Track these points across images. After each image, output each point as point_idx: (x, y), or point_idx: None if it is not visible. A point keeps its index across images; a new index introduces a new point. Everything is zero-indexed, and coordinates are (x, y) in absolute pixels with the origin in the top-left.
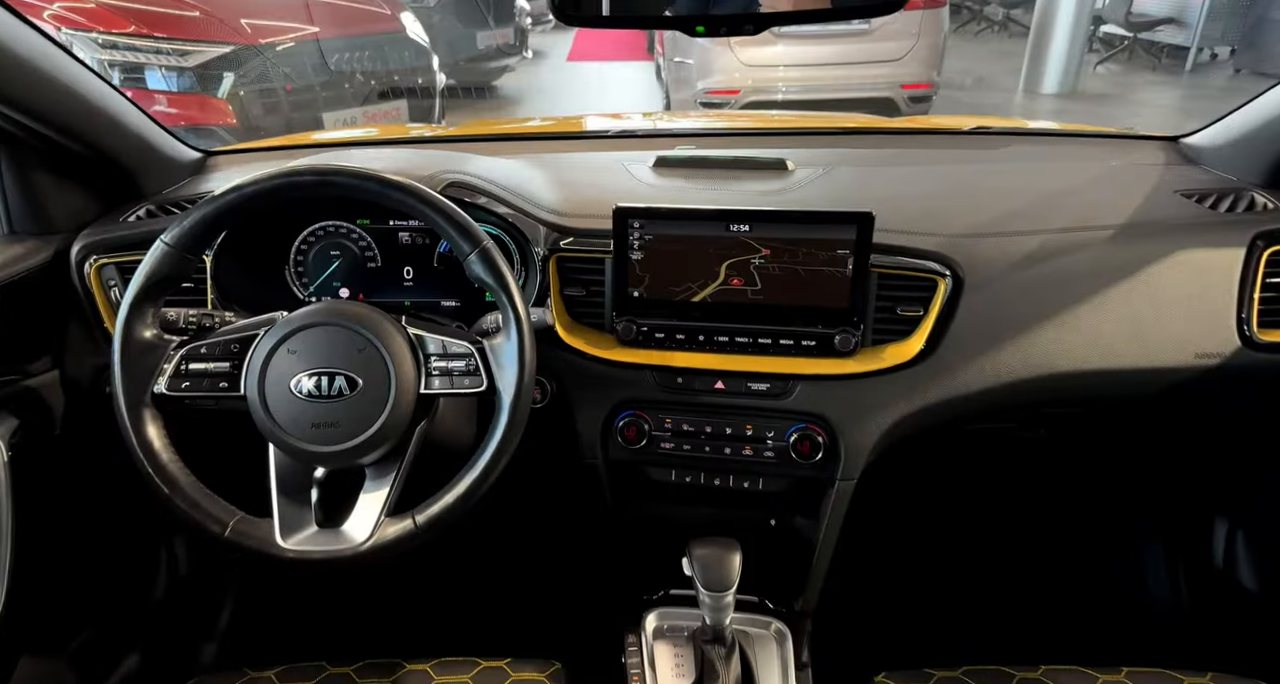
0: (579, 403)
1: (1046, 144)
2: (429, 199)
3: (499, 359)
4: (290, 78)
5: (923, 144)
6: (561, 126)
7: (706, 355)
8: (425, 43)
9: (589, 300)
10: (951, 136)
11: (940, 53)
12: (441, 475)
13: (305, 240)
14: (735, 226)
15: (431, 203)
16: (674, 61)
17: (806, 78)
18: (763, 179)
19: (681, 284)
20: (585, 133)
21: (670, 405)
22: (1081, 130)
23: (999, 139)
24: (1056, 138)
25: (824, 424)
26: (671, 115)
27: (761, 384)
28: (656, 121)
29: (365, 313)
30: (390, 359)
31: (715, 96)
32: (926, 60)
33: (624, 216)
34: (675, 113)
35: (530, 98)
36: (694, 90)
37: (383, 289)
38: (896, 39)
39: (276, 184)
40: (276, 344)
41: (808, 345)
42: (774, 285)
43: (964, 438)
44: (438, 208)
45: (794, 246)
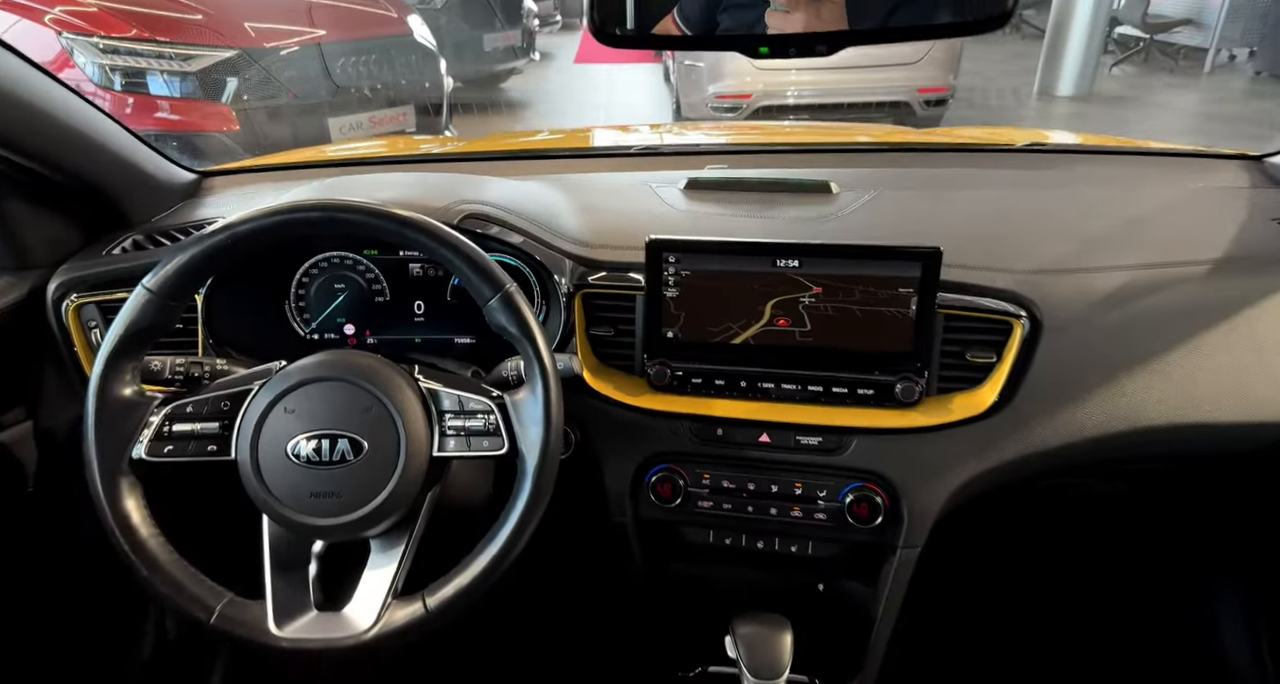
0: (606, 455)
1: (1112, 164)
2: (447, 239)
3: (521, 417)
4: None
5: (972, 162)
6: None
7: (749, 404)
8: (433, 46)
9: (617, 341)
10: (1004, 154)
11: (957, 56)
12: (454, 541)
13: (307, 273)
14: (783, 262)
15: (450, 243)
16: (684, 65)
17: (820, 82)
18: (805, 204)
19: (721, 324)
20: (606, 150)
21: (708, 459)
22: (1150, 147)
23: (1057, 158)
24: (1123, 156)
25: (884, 484)
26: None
27: (812, 437)
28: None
29: (372, 365)
30: (400, 419)
31: (727, 101)
32: (943, 63)
33: (658, 250)
34: (699, 125)
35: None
36: (705, 94)
37: (391, 325)
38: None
39: (274, 222)
40: (272, 402)
41: (865, 394)
42: (826, 327)
43: (1033, 493)
44: (458, 249)
45: (850, 284)
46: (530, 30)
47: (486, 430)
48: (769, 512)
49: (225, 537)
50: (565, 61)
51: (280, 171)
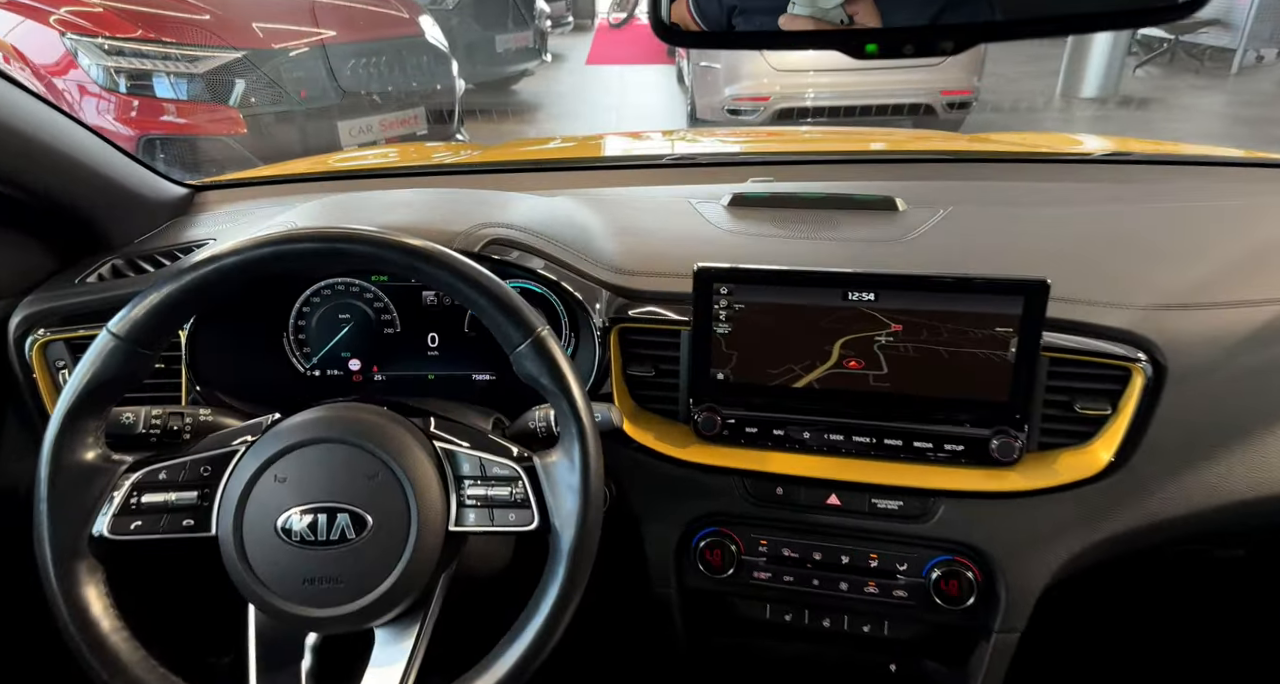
0: (647, 515)
1: (1216, 177)
2: (470, 275)
3: (554, 484)
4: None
5: (1044, 175)
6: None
7: (814, 459)
8: (444, 47)
9: (659, 382)
10: (1081, 165)
11: (981, 57)
12: (469, 620)
13: (308, 302)
14: (856, 295)
15: (473, 280)
16: (699, 66)
17: (840, 84)
18: (869, 223)
19: (781, 365)
20: (637, 160)
21: (766, 523)
22: (1249, 158)
23: (1146, 170)
24: (1220, 167)
25: (977, 557)
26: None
27: (891, 501)
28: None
29: (377, 423)
30: (411, 487)
31: (744, 103)
32: (967, 65)
33: (708, 280)
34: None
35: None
36: (720, 97)
37: (401, 360)
38: None
39: (265, 255)
40: (260, 468)
41: (953, 451)
42: (906, 370)
43: (1139, 559)
44: (483, 287)
45: (936, 321)
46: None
47: (513, 501)
48: (838, 586)
49: (203, 628)
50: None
51: (280, 186)
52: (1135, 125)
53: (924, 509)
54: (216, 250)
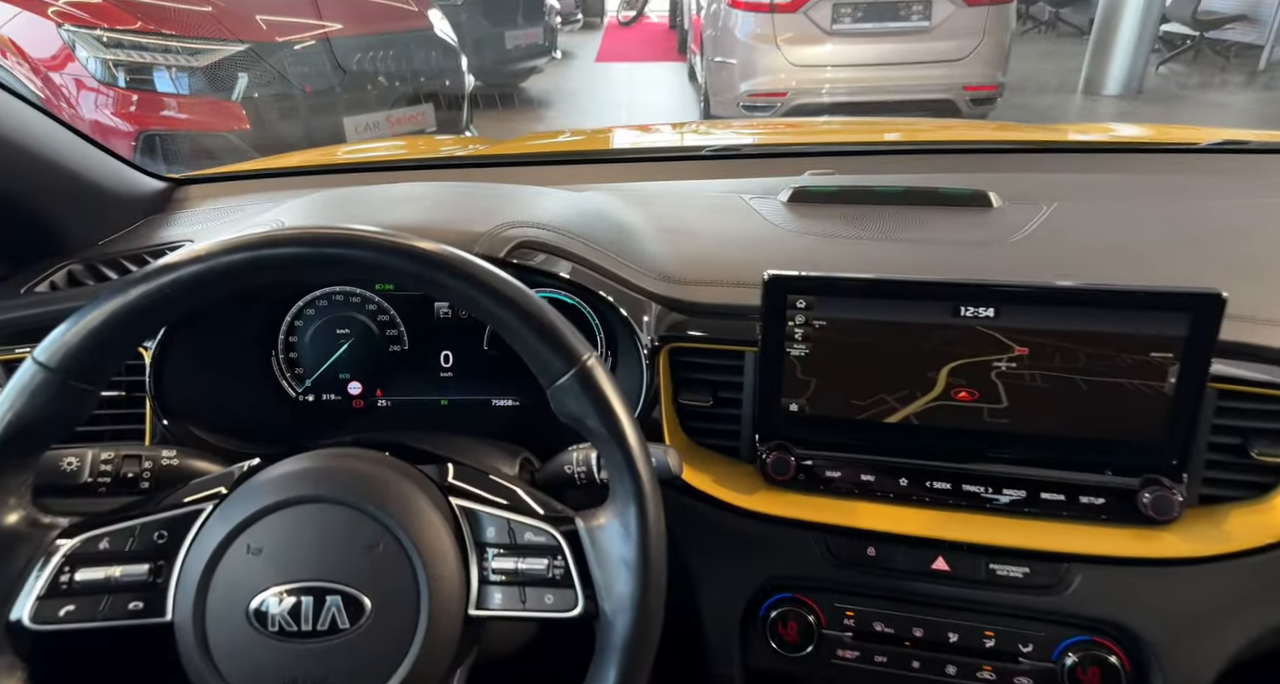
0: (704, 578)
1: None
2: (503, 290)
3: (604, 556)
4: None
5: (1150, 166)
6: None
7: (915, 513)
8: (453, 42)
9: (717, 413)
10: (1187, 155)
11: (1006, 52)
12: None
13: (301, 314)
14: (971, 309)
15: (507, 297)
16: (714, 61)
17: (859, 79)
18: (959, 222)
19: (871, 395)
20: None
21: (853, 590)
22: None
23: (1263, 159)
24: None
25: (1124, 639)
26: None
27: (1013, 567)
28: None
29: (378, 476)
30: (421, 561)
31: (760, 99)
32: (992, 60)
33: (781, 291)
34: (765, 123)
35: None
36: (736, 93)
37: (409, 382)
38: (959, 37)
39: (236, 263)
40: (230, 536)
41: (1092, 504)
42: (1032, 404)
43: None
44: (518, 306)
45: (1073, 344)
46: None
47: (550, 578)
48: (943, 670)
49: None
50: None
51: (274, 179)
52: (1164, 122)
53: (1056, 578)
54: (175, 257)
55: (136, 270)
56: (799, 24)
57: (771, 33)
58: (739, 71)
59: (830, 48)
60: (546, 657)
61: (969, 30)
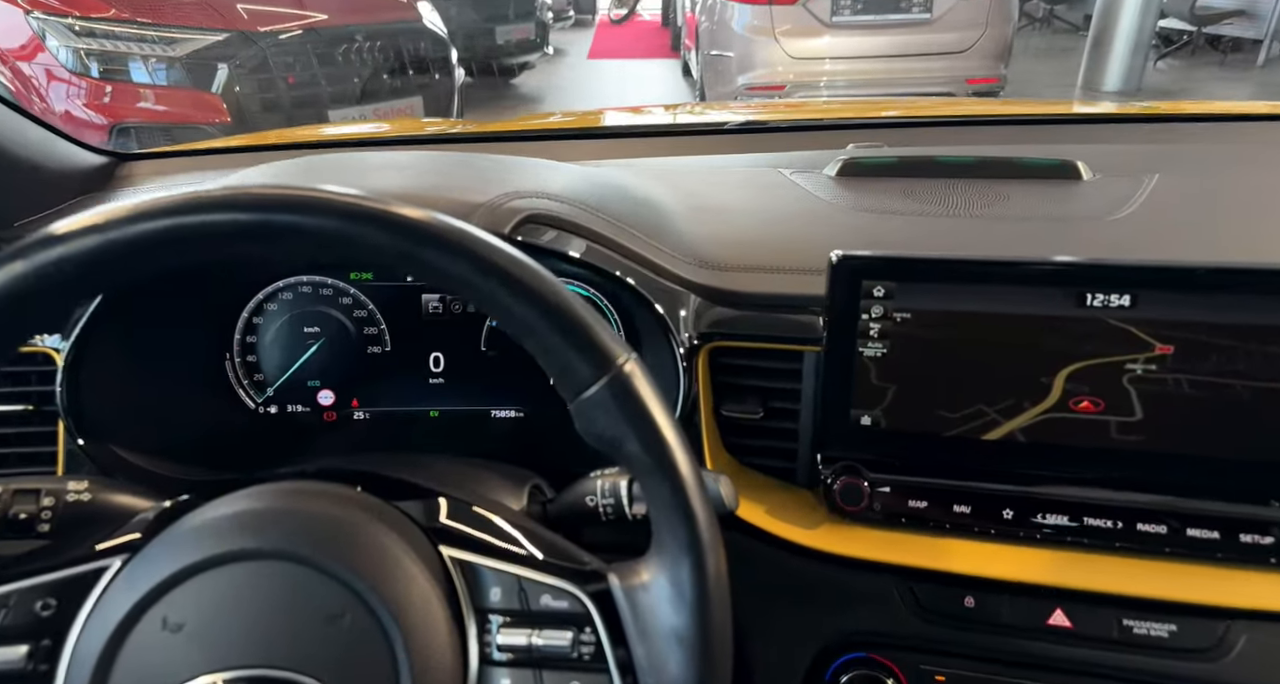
0: (757, 632)
1: None
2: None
3: (646, 626)
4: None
5: (1252, 136)
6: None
7: (1025, 552)
8: (443, 33)
9: (770, 427)
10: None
11: (1008, 45)
12: None
13: (261, 309)
14: (1101, 297)
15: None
16: (710, 55)
17: (859, 71)
18: (1045, 196)
19: (965, 406)
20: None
21: (945, 650)
22: None
23: None
24: None
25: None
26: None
27: (1156, 623)
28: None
29: (342, 520)
30: (401, 637)
31: (757, 93)
32: (994, 53)
33: (854, 275)
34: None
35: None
36: (732, 86)
37: (391, 390)
38: (961, 29)
39: (147, 233)
40: (142, 604)
41: (1257, 544)
42: (1175, 416)
43: None
44: (535, 295)
45: (1232, 340)
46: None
47: (576, 657)
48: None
49: None
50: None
51: (237, 154)
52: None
53: (1213, 639)
54: (66, 226)
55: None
56: (797, 16)
57: (769, 25)
58: (736, 65)
59: (829, 40)
60: None
61: (971, 22)
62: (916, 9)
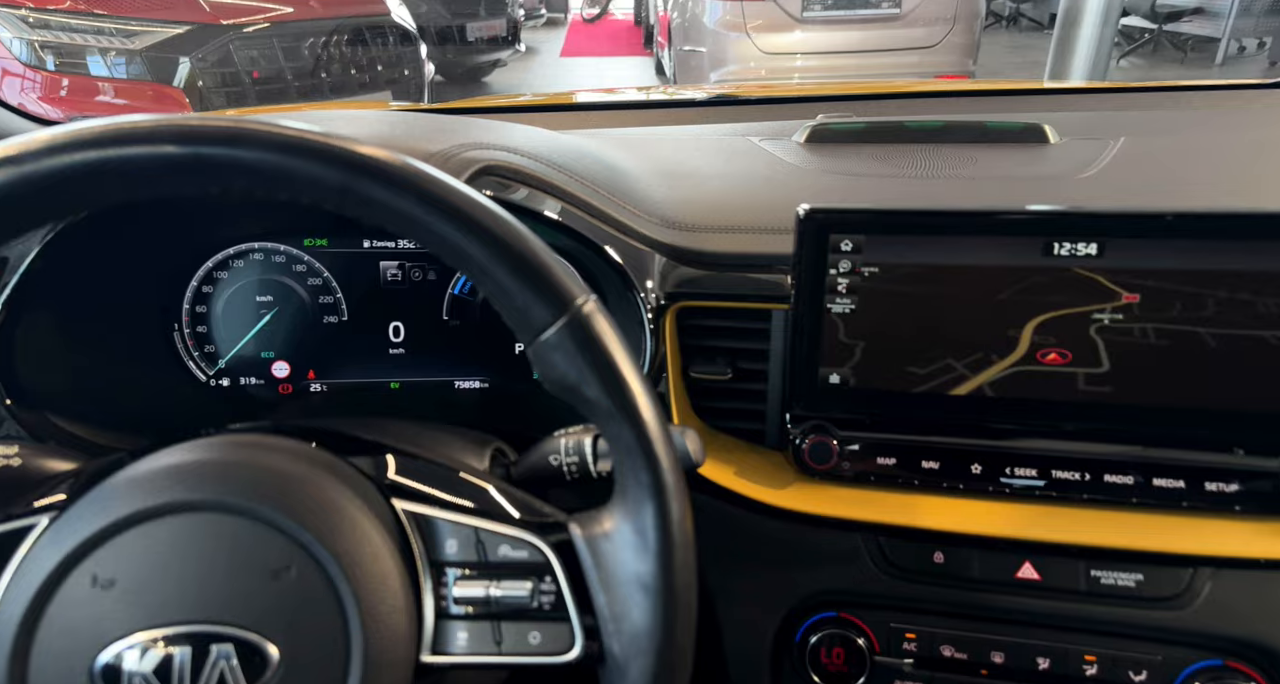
0: (726, 594)
1: None
2: (463, 207)
3: (609, 574)
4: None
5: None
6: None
7: (993, 507)
8: (412, 28)
9: (738, 388)
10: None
11: (976, 40)
12: None
13: (211, 276)
14: (1068, 246)
15: (470, 217)
16: (683, 50)
17: (830, 67)
18: (1013, 158)
19: (934, 361)
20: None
21: (915, 607)
22: None
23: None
24: None
25: (1268, 663)
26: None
27: (1123, 573)
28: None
29: (289, 472)
30: (351, 590)
31: None
32: (963, 48)
33: (822, 228)
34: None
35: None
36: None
37: (350, 362)
38: (930, 24)
39: (66, 165)
40: (66, 564)
41: (1222, 492)
42: (1141, 366)
43: None
44: (487, 232)
45: (1199, 287)
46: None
47: (536, 607)
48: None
49: None
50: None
51: None
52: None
53: (1177, 586)
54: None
55: None
56: (769, 10)
57: (741, 20)
58: (708, 60)
59: (800, 35)
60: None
61: (939, 17)
62: (886, 4)
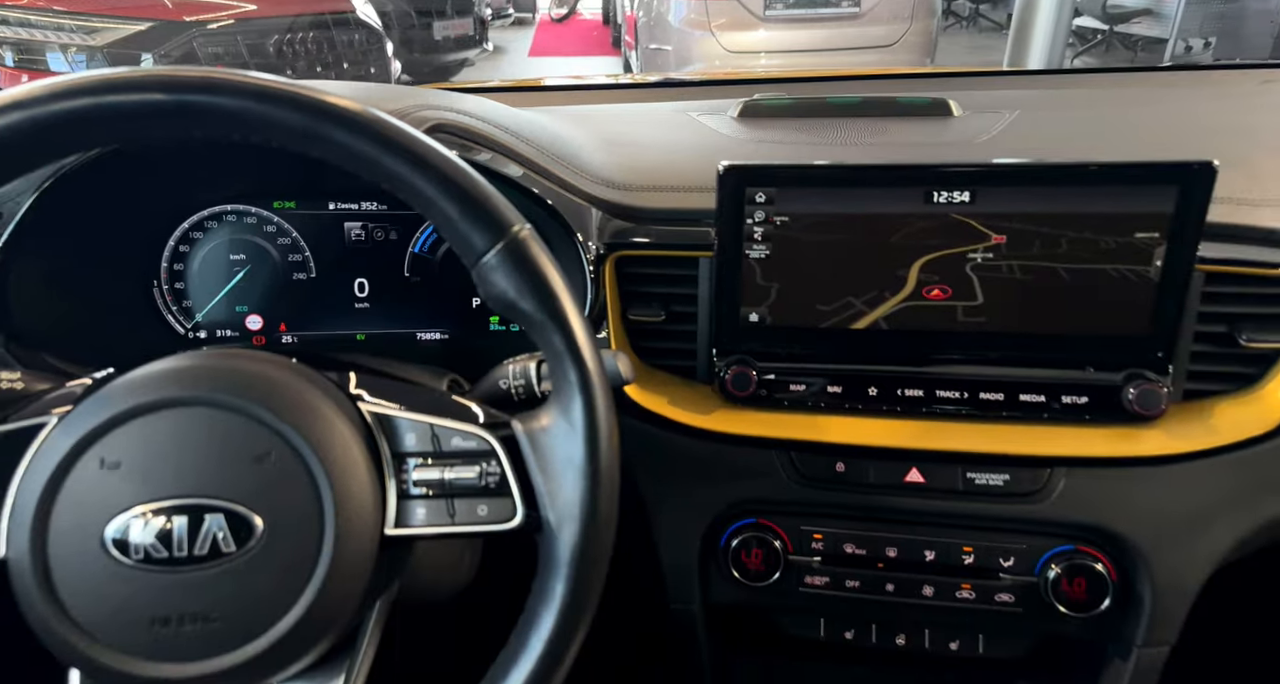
0: (660, 506)
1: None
2: (412, 147)
3: (546, 458)
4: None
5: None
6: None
7: (886, 423)
8: (377, 25)
9: (671, 329)
10: (1143, 72)
11: (934, 39)
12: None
13: (187, 237)
14: (944, 195)
15: (418, 155)
16: (649, 49)
17: (792, 65)
18: (921, 129)
19: (837, 299)
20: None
21: (822, 511)
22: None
23: (1229, 74)
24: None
25: (1111, 546)
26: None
27: (993, 474)
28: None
29: (268, 376)
30: (324, 472)
31: None
32: (920, 47)
33: (739, 183)
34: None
35: None
36: None
37: (318, 315)
38: (888, 23)
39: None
40: (79, 447)
41: (1074, 403)
42: (1009, 298)
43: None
44: (433, 167)
45: (1054, 228)
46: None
47: (484, 486)
48: (919, 592)
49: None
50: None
51: None
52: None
53: (1037, 483)
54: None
55: None
56: (732, 9)
57: (705, 18)
58: (674, 59)
59: (764, 33)
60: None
61: (896, 15)
62: (845, 2)
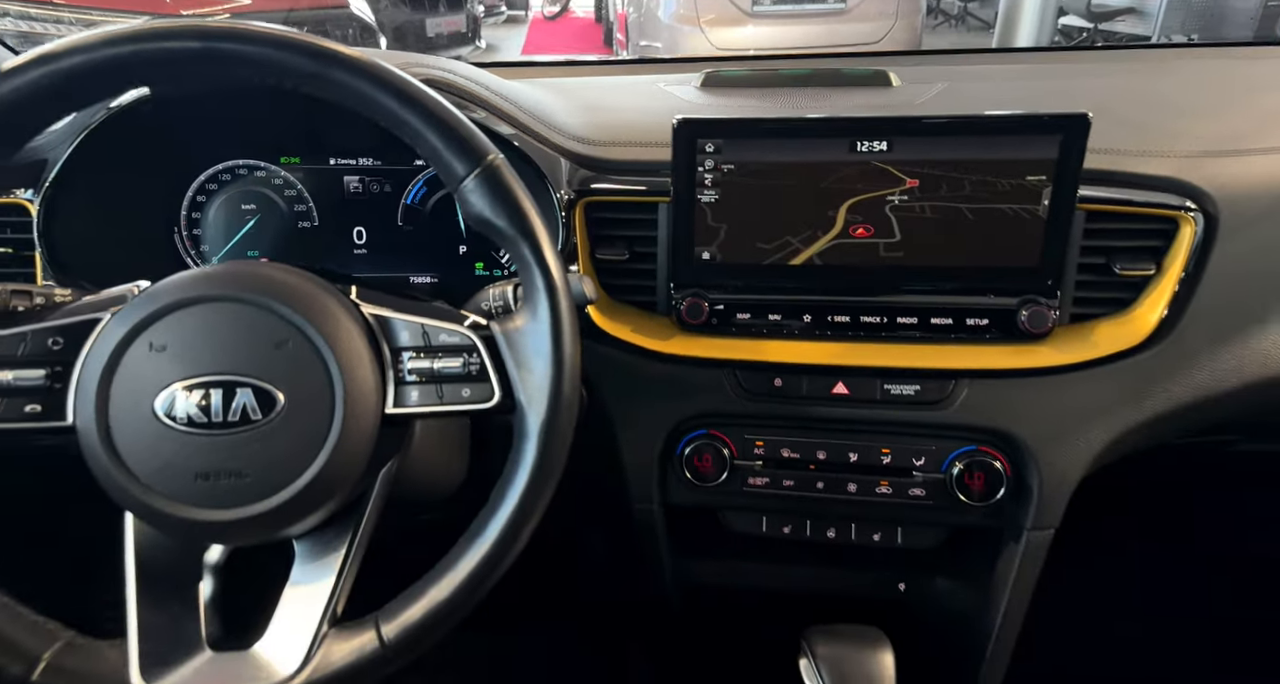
0: (624, 421)
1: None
2: (400, 86)
3: (519, 351)
4: None
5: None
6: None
7: (817, 345)
8: (371, 20)
9: (634, 267)
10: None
11: (919, 36)
12: (414, 546)
13: (203, 189)
14: (865, 145)
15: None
16: (639, 45)
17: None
18: (863, 96)
19: (777, 238)
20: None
21: (763, 421)
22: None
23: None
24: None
25: (1005, 445)
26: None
27: (906, 385)
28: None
29: (285, 280)
30: (334, 358)
31: None
32: (906, 44)
33: (691, 135)
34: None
35: None
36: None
37: (320, 260)
38: (873, 20)
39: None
40: (130, 334)
41: (976, 325)
42: (922, 235)
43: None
44: (418, 103)
45: (957, 173)
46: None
47: (466, 373)
48: (845, 488)
49: (65, 547)
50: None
51: None
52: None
53: (944, 393)
54: (46, 48)
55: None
56: (720, 5)
57: (694, 14)
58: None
59: (751, 30)
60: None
61: (882, 13)
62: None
